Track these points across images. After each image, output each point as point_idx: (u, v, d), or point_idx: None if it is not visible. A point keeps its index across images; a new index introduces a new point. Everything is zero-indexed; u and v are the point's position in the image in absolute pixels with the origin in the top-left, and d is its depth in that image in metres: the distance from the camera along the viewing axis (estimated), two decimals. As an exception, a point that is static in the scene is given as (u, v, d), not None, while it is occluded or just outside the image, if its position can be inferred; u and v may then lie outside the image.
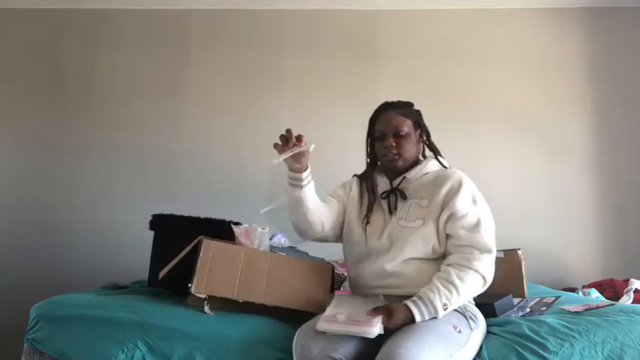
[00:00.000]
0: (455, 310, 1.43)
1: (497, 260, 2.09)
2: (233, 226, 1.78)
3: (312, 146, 1.51)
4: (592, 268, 2.94)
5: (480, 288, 1.46)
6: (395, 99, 1.71)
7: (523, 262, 2.06)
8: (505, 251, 2.10)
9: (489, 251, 1.46)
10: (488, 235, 1.48)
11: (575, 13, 3.20)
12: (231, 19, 3.28)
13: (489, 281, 1.47)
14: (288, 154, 1.46)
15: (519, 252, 2.08)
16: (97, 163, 3.13)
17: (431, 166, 1.64)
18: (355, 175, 1.77)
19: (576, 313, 1.61)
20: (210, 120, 3.18)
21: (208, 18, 3.28)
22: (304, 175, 1.54)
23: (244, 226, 1.81)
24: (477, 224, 1.48)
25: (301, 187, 1.54)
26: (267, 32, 3.27)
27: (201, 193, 3.05)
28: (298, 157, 1.50)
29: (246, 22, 3.27)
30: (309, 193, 1.57)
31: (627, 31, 3.17)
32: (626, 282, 2.51)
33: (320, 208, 1.63)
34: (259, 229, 1.78)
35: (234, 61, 3.24)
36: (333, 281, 1.72)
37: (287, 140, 1.47)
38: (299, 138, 1.48)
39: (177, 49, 3.26)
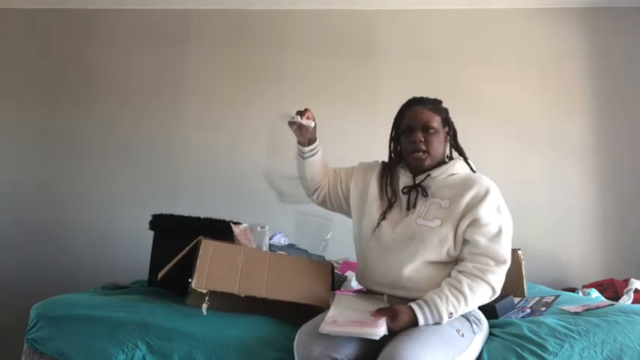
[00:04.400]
0: None
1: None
2: (232, 225, 1.78)
3: (312, 124, 1.64)
4: (592, 268, 2.94)
5: (487, 299, 1.43)
6: (395, 99, 1.71)
7: (523, 262, 2.06)
8: (505, 251, 2.10)
9: (505, 262, 1.43)
10: (506, 247, 1.44)
11: (575, 13, 3.20)
12: (231, 19, 3.27)
13: (498, 293, 1.44)
14: (290, 118, 1.61)
15: (519, 252, 2.07)
16: (97, 163, 3.13)
17: (458, 167, 1.59)
18: (383, 162, 1.71)
19: (576, 313, 1.61)
20: (210, 120, 3.18)
21: (208, 18, 3.28)
22: (306, 149, 1.68)
23: (243, 225, 1.81)
24: (498, 234, 1.44)
25: (303, 158, 1.70)
26: (267, 32, 3.26)
27: (201, 193, 3.05)
28: (299, 131, 1.64)
29: (246, 22, 3.27)
30: (311, 165, 1.71)
31: (627, 31, 3.16)
32: (626, 282, 2.51)
33: (318, 180, 1.75)
34: (258, 229, 1.79)
35: (234, 61, 3.23)
36: (333, 280, 1.72)
37: (302, 115, 1.61)
38: (306, 114, 1.62)
39: (177, 49, 3.26)
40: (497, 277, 1.42)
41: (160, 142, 3.15)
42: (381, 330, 1.26)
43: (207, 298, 1.51)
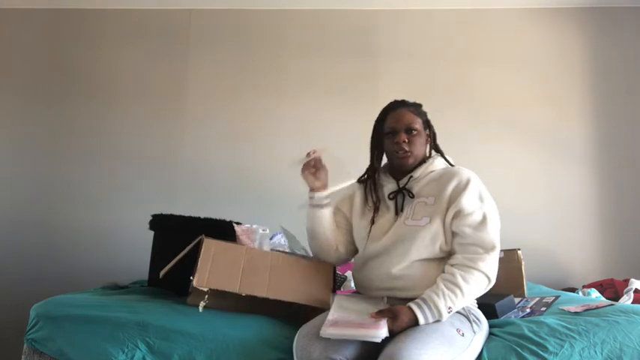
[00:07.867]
0: (459, 313, 1.43)
1: (498, 260, 2.12)
2: (235, 225, 1.78)
3: (325, 148, 1.62)
4: (592, 268, 2.94)
5: (484, 288, 1.45)
6: (395, 99, 1.70)
7: (523, 262, 2.06)
8: (505, 251, 2.10)
9: (493, 248, 1.45)
10: (493, 232, 1.47)
11: (575, 13, 3.20)
12: (231, 19, 3.27)
13: (493, 280, 1.45)
14: (301, 162, 1.61)
15: (519, 252, 2.08)
16: (97, 163, 3.13)
17: (437, 164, 1.62)
18: (357, 181, 1.74)
19: (576, 313, 1.61)
20: (211, 120, 3.18)
21: (208, 18, 3.28)
22: (324, 194, 1.64)
23: (245, 226, 1.81)
24: (483, 222, 1.46)
25: (321, 206, 1.64)
26: (267, 32, 3.27)
27: (201, 193, 3.05)
28: (318, 174, 1.63)
29: (246, 22, 3.27)
30: (328, 215, 1.66)
31: (627, 31, 3.16)
32: (626, 282, 2.51)
33: (335, 231, 1.69)
34: (260, 230, 1.79)
35: (234, 61, 3.23)
36: (334, 280, 1.72)
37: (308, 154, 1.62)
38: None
39: (177, 49, 3.26)
40: (489, 265, 1.43)
41: (160, 142, 3.15)
42: (382, 332, 1.26)
43: (206, 296, 1.51)
